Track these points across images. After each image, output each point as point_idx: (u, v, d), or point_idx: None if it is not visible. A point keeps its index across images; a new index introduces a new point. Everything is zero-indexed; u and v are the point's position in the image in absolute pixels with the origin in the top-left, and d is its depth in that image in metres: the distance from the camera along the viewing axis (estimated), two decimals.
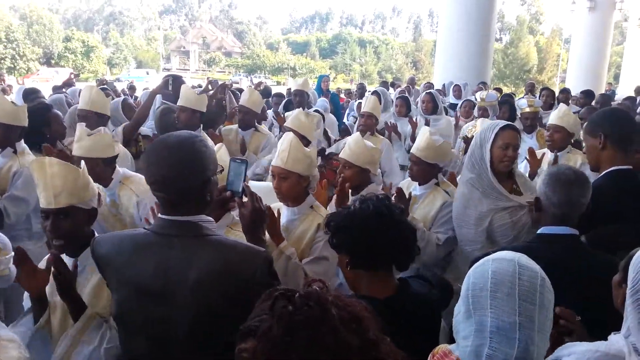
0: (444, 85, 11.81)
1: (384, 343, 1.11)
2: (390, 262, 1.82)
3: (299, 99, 5.87)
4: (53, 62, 52.00)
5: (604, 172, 2.64)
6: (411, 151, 3.33)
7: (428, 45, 65.36)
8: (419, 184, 3.35)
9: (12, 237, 2.76)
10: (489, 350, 1.29)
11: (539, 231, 2.16)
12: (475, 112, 6.30)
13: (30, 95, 5.69)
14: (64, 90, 6.92)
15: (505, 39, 62.75)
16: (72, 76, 9.01)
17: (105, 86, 6.20)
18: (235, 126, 4.87)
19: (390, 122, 5.77)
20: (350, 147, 3.10)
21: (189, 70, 64.19)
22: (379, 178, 3.26)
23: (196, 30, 78.27)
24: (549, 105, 7.03)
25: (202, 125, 4.28)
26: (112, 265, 1.69)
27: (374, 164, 3.13)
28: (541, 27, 65.53)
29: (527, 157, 3.98)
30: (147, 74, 46.76)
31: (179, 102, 4.22)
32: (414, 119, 6.01)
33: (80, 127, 3.03)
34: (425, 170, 3.27)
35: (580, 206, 2.08)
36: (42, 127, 3.78)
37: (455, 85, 10.71)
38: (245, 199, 1.95)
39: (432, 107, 6.18)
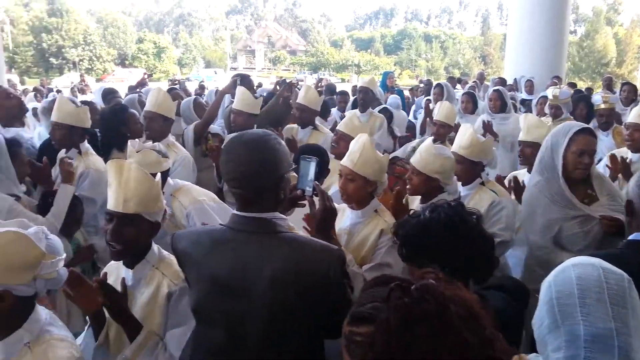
0: (515, 80, 11.36)
1: (498, 341, 1.08)
2: (467, 275, 1.71)
3: (362, 96, 5.63)
4: (127, 62, 54.54)
5: None
6: (452, 149, 3.16)
7: (497, 39, 63.41)
8: (463, 184, 3.22)
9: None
10: None
11: (630, 237, 1.99)
12: (547, 110, 5.92)
13: (109, 95, 5.90)
14: (138, 90, 7.16)
15: (580, 31, 59.69)
16: (146, 76, 9.37)
17: (176, 86, 6.34)
18: (296, 125, 4.78)
19: (488, 121, 5.49)
20: (420, 153, 2.91)
21: (254, 68, 65.37)
22: (453, 187, 3.07)
23: (261, 30, 79.60)
24: (630, 101, 6.56)
25: (255, 126, 4.27)
26: (191, 259, 1.74)
27: (444, 174, 2.85)
28: (620, 17, 61.83)
29: (608, 164, 3.69)
30: (215, 73, 48.02)
31: (234, 106, 4.23)
32: (480, 118, 5.74)
33: (131, 145, 2.96)
34: (469, 169, 3.14)
35: None
36: (120, 126, 3.89)
37: (528, 80, 10.24)
38: (315, 198, 1.96)
39: (500, 105, 5.76)
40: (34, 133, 4.52)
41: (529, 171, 3.38)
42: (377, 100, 6.26)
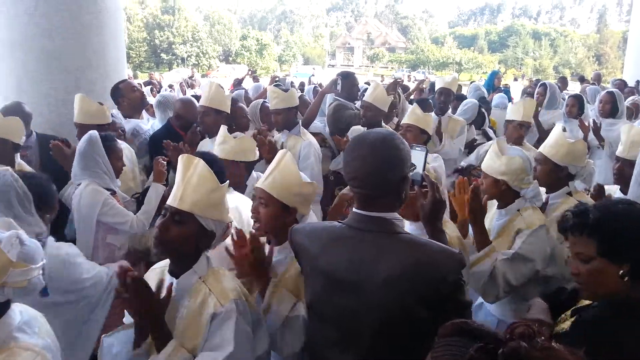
0: (637, 82, 10.41)
1: None
2: None
3: (443, 98, 5.23)
4: (230, 59, 56.76)
5: None
6: (539, 149, 2.94)
7: (615, 37, 59.07)
8: (547, 191, 2.91)
9: None
10: None
11: None
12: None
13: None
14: (242, 86, 7.36)
15: None
16: (250, 73, 9.62)
17: (278, 83, 6.40)
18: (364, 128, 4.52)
19: (594, 123, 5.10)
20: (486, 154, 2.73)
21: (352, 66, 65.57)
22: (533, 191, 2.78)
23: (361, 26, 79.63)
24: None
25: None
26: (307, 253, 1.79)
27: (511, 175, 2.63)
28: None
29: None
30: (314, 69, 48.73)
31: (270, 107, 4.16)
32: (588, 122, 5.30)
33: (223, 130, 3.03)
34: (552, 173, 2.83)
35: None
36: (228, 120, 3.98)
37: None
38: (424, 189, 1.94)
39: (610, 109, 5.27)
40: (148, 126, 4.74)
41: (622, 191, 3.04)
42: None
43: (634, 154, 2.99)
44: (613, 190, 3.16)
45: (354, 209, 1.76)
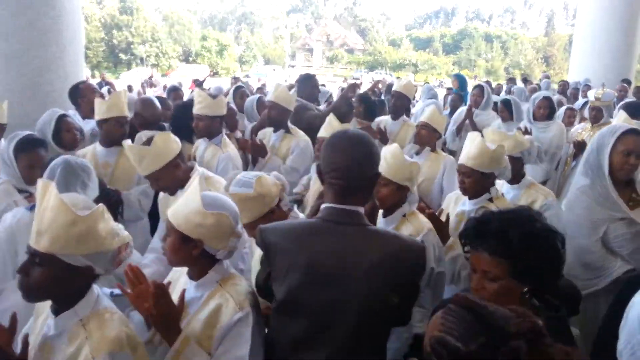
0: (578, 83, 11.00)
1: None
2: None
3: (395, 102, 5.10)
4: (191, 59, 56.04)
5: None
6: (460, 161, 2.88)
7: (562, 40, 61.15)
8: (470, 198, 2.92)
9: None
10: None
11: None
12: (586, 113, 5.63)
13: (172, 91, 6.23)
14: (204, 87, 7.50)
15: None
16: (211, 74, 9.67)
17: (241, 84, 6.56)
18: (271, 129, 4.47)
19: (525, 128, 5.20)
20: (386, 160, 2.62)
21: (312, 66, 65.74)
22: (415, 196, 2.81)
23: (320, 28, 79.85)
24: None
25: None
26: (284, 250, 1.77)
27: (413, 181, 2.69)
28: None
29: None
30: (274, 70, 48.65)
31: (194, 111, 3.87)
32: (522, 126, 5.32)
33: (133, 148, 2.82)
34: (480, 181, 2.83)
35: None
36: (189, 121, 4.07)
37: (586, 85, 9.89)
38: None
39: (548, 113, 5.32)
40: None
41: (510, 182, 3.20)
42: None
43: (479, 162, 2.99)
44: (499, 184, 3.25)
45: (327, 204, 1.81)
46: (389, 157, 2.62)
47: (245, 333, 1.80)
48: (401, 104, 5.11)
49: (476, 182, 2.82)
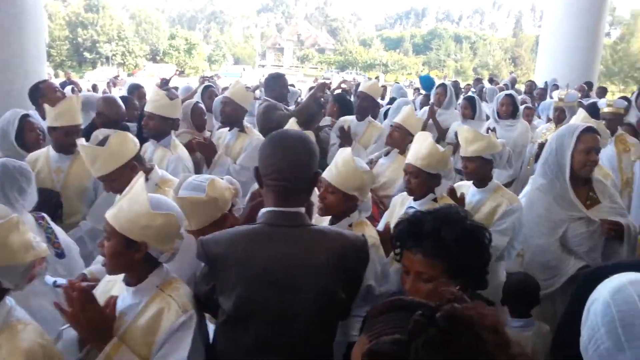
0: (545, 83, 11.24)
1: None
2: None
3: (360, 102, 4.96)
4: (158, 58, 55.34)
5: None
6: (407, 161, 2.81)
7: (529, 41, 62.58)
8: (415, 199, 2.86)
9: None
10: None
11: None
12: (551, 114, 5.72)
13: (134, 90, 6.09)
14: (169, 86, 7.35)
15: (615, 33, 58.34)
16: (177, 73, 9.52)
17: (211, 84, 6.45)
18: (226, 129, 4.40)
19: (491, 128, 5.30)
20: (336, 167, 2.47)
21: (282, 66, 65.70)
22: (367, 204, 2.72)
23: (291, 28, 79.91)
24: None
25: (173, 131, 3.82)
26: (230, 261, 1.70)
27: (363, 191, 2.50)
28: None
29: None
30: (244, 70, 48.42)
31: (147, 108, 3.74)
32: (487, 124, 5.45)
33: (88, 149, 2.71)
34: (426, 182, 2.79)
35: None
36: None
37: (554, 85, 10.10)
38: None
39: (511, 110, 5.35)
40: None
41: (476, 185, 3.18)
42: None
43: (473, 149, 3.07)
44: (467, 186, 3.26)
45: (269, 208, 1.76)
46: (339, 163, 2.46)
47: (187, 337, 1.73)
48: (367, 105, 4.99)
49: (423, 182, 2.79)
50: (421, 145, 2.77)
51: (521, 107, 6.15)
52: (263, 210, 1.78)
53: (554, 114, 5.47)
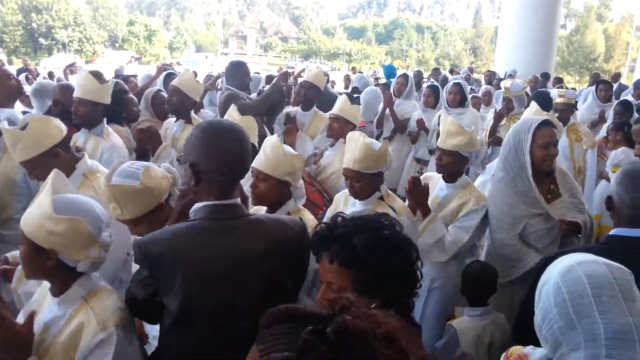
0: (505, 73, 11.49)
1: None
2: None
3: (305, 92, 4.78)
4: (117, 45, 53.88)
5: None
6: (344, 165, 2.68)
7: (489, 32, 63.60)
8: (359, 199, 2.73)
9: None
10: (607, 358, 1.19)
11: (611, 232, 2.02)
12: (498, 104, 5.85)
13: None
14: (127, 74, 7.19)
15: (571, 25, 60.04)
16: (133, 59, 9.22)
17: (172, 71, 6.32)
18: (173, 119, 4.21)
19: (421, 118, 5.44)
20: (265, 154, 2.43)
21: (245, 54, 64.94)
22: (301, 191, 2.62)
23: (254, 15, 78.97)
24: (607, 99, 6.59)
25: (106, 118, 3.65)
26: (172, 261, 1.63)
27: (294, 176, 2.46)
28: (610, 13, 62.24)
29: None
30: (206, 57, 47.68)
31: (75, 94, 3.55)
32: (439, 113, 5.43)
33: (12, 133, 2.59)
34: (370, 184, 2.66)
35: None
36: (117, 106, 3.90)
37: (509, 74, 10.35)
38: None
39: (460, 99, 5.45)
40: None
41: (446, 180, 3.11)
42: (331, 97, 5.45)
43: (453, 143, 3.00)
44: (436, 179, 3.19)
45: (209, 202, 1.71)
46: (267, 150, 2.43)
47: (106, 357, 1.58)
48: (311, 95, 4.81)
49: (366, 184, 2.64)
50: (355, 147, 2.60)
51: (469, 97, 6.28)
52: (199, 205, 1.72)
53: (502, 104, 5.50)
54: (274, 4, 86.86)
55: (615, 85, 10.34)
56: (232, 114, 3.52)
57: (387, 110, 5.67)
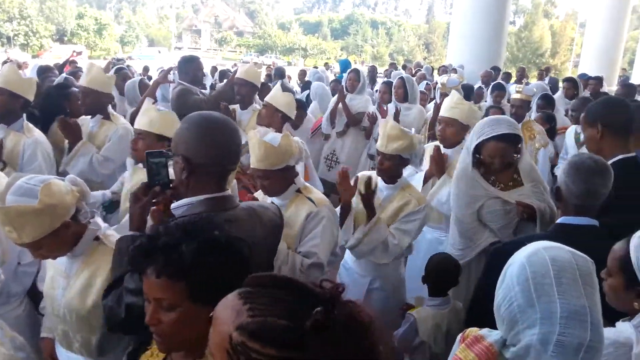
0: (447, 67, 11.81)
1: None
2: None
3: (238, 89, 4.58)
4: (66, 39, 52.06)
5: (609, 162, 2.62)
6: (252, 166, 2.60)
7: (441, 28, 64.72)
8: (271, 196, 2.69)
9: None
10: (559, 336, 1.27)
11: (558, 221, 2.14)
12: (437, 98, 5.98)
13: (44, 72, 5.76)
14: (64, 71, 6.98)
15: (519, 22, 61.88)
16: (75, 54, 8.78)
17: (123, 66, 6.19)
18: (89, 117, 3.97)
19: (373, 113, 5.51)
20: (255, 153, 2.50)
21: (200, 49, 63.97)
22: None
23: (208, 9, 77.80)
24: (572, 96, 6.83)
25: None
26: None
27: (291, 156, 2.54)
28: (556, 10, 64.44)
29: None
30: (159, 52, 46.73)
31: (82, 83, 3.69)
32: (385, 107, 5.57)
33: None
34: (280, 179, 2.56)
35: (601, 196, 2.05)
36: (63, 102, 3.87)
37: (454, 69, 10.58)
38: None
39: (402, 93, 5.54)
40: None
41: (385, 181, 3.08)
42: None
43: (394, 147, 2.94)
44: (375, 176, 3.07)
45: (207, 195, 1.69)
46: (256, 149, 2.49)
47: None
48: (245, 92, 4.61)
49: (276, 181, 2.55)
50: (255, 147, 2.50)
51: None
52: (197, 199, 1.68)
53: (440, 100, 5.55)
54: None
55: (546, 79, 10.83)
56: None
57: (340, 105, 5.66)
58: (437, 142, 3.64)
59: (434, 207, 3.34)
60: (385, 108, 5.55)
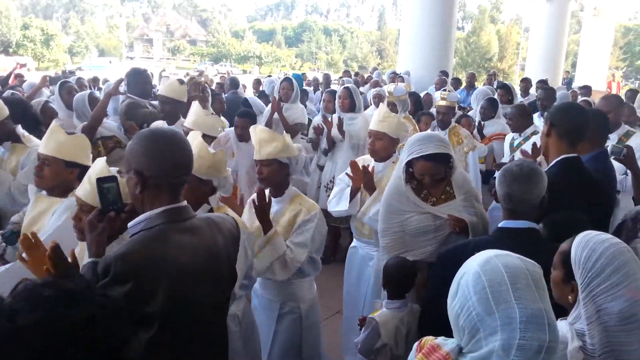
0: (407, 72, 12.01)
1: None
2: None
3: (162, 107, 4.52)
4: (11, 50, 50.22)
5: (552, 162, 2.69)
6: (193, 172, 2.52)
7: (393, 34, 65.67)
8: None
9: None
10: (520, 340, 1.30)
11: (499, 225, 2.22)
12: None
13: None
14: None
15: (468, 27, 63.57)
16: (18, 66, 8.43)
17: (67, 79, 5.98)
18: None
19: (319, 124, 5.47)
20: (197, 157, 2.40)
21: (152, 58, 62.89)
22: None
23: (159, 18, 76.65)
24: (506, 101, 6.92)
25: None
26: (154, 267, 1.61)
27: (217, 170, 2.54)
28: (501, 15, 66.54)
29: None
30: (110, 62, 45.67)
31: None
32: (331, 118, 5.45)
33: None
34: (197, 189, 2.45)
35: (526, 201, 2.13)
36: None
37: (398, 75, 10.74)
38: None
39: (349, 103, 5.34)
40: None
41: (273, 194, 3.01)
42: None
43: (268, 151, 2.85)
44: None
45: (162, 208, 1.70)
46: (196, 151, 2.49)
47: None
48: (168, 109, 4.48)
49: (193, 189, 2.35)
50: (197, 151, 2.39)
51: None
52: (154, 212, 1.70)
53: (389, 108, 5.58)
54: (180, 7, 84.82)
55: (495, 83, 11.20)
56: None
57: (276, 115, 5.61)
58: (367, 156, 3.64)
59: (366, 223, 3.34)
60: (329, 119, 5.43)
